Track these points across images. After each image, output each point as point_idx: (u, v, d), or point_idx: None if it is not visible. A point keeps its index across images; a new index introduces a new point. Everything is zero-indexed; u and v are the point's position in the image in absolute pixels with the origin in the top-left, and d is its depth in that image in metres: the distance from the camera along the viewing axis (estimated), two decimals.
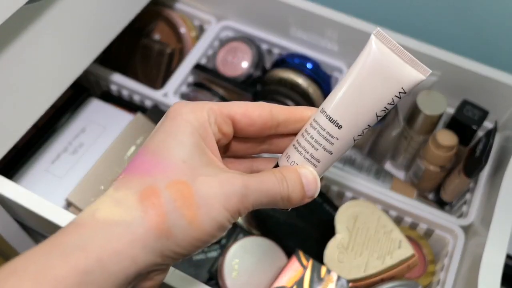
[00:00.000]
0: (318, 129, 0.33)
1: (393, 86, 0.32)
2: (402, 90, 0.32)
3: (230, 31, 0.78)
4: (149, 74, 0.78)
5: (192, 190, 0.30)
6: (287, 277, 0.54)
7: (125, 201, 0.29)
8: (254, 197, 0.31)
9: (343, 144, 0.34)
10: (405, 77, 0.32)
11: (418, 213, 0.63)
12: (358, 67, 0.33)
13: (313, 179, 0.33)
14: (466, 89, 0.67)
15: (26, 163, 0.64)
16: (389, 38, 0.32)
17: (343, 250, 0.57)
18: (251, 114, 0.34)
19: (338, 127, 0.33)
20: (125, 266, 0.28)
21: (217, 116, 0.33)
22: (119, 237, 0.28)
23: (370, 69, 0.33)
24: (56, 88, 0.56)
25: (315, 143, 0.33)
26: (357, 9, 0.75)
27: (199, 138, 0.31)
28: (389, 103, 0.33)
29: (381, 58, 0.32)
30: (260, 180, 0.32)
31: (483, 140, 0.61)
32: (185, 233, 0.29)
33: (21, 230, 0.61)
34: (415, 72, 0.32)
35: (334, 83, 0.74)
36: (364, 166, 0.68)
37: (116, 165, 0.64)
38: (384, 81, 0.32)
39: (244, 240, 0.59)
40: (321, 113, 0.34)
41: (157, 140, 0.32)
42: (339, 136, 0.33)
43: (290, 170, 0.33)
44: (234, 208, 0.30)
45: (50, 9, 0.50)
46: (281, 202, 0.33)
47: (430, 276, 0.62)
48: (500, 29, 0.71)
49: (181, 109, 0.32)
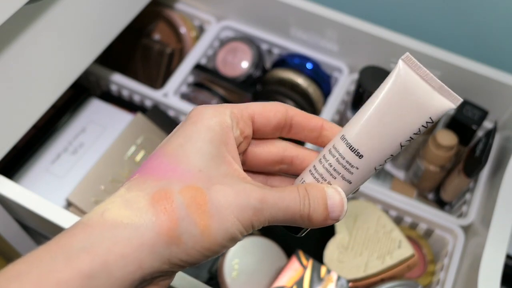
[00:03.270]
0: (337, 157, 0.32)
1: (420, 115, 0.30)
2: (430, 120, 0.30)
3: (230, 31, 0.78)
4: (149, 74, 0.78)
5: (206, 198, 0.29)
6: (287, 277, 0.55)
7: (136, 203, 0.28)
8: (271, 213, 0.30)
9: (363, 174, 0.31)
10: (433, 106, 0.30)
11: (418, 213, 0.63)
12: (383, 93, 0.31)
13: (339, 200, 0.32)
14: (466, 89, 0.67)
15: (26, 163, 0.64)
16: (418, 64, 0.30)
17: (343, 250, 0.57)
18: (268, 113, 0.33)
19: (359, 156, 0.31)
20: (130, 271, 0.27)
21: (239, 119, 0.32)
22: (127, 241, 0.27)
23: (397, 96, 0.30)
24: (56, 88, 0.56)
25: (334, 171, 0.32)
26: (357, 9, 0.75)
27: (220, 144, 0.30)
28: (415, 133, 0.30)
29: (409, 84, 0.30)
30: (280, 196, 0.30)
31: (483, 140, 0.61)
32: (195, 242, 0.28)
33: (21, 230, 0.61)
34: (445, 101, 0.30)
35: (334, 83, 0.74)
36: None
37: (116, 165, 0.64)
38: (411, 110, 0.30)
39: (244, 240, 0.59)
40: (342, 140, 0.32)
41: (176, 143, 0.31)
42: (359, 165, 0.31)
43: (316, 188, 0.32)
44: (247, 221, 0.29)
45: (50, 9, 0.50)
46: (300, 220, 0.31)
47: (430, 276, 0.62)
48: (500, 29, 0.71)
49: (203, 114, 0.31)
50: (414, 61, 0.30)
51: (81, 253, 0.26)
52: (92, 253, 0.27)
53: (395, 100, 0.30)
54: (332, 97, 0.71)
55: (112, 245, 0.27)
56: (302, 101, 0.70)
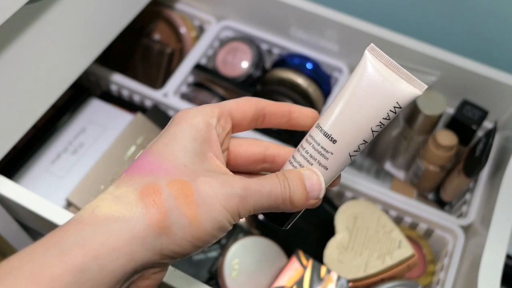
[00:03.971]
0: (313, 143, 0.34)
1: (387, 101, 0.33)
2: (398, 105, 0.33)
3: (230, 31, 0.78)
4: (149, 74, 0.78)
5: (192, 188, 0.30)
6: (287, 277, 0.55)
7: (126, 198, 0.29)
8: (255, 200, 0.31)
9: (338, 160, 0.34)
10: (400, 92, 0.32)
11: (418, 213, 0.63)
12: (353, 82, 0.33)
13: (317, 179, 0.33)
14: (466, 89, 0.67)
15: (26, 163, 0.64)
16: (383, 54, 0.33)
17: (343, 250, 0.57)
18: (242, 107, 0.35)
19: (332, 141, 0.33)
20: (122, 263, 0.28)
21: (220, 117, 0.34)
22: (118, 234, 0.28)
23: (365, 84, 0.33)
24: (56, 88, 0.56)
25: (310, 158, 0.34)
26: (357, 9, 0.75)
27: (203, 142, 0.32)
28: (385, 118, 0.33)
29: (376, 73, 0.33)
30: (261, 183, 0.32)
31: (483, 140, 0.61)
32: (185, 232, 0.29)
33: (21, 230, 0.61)
34: (411, 88, 0.32)
35: (334, 83, 0.74)
36: (364, 166, 0.68)
37: (116, 165, 0.64)
38: (379, 97, 0.33)
39: (244, 240, 0.59)
40: (317, 128, 0.34)
41: (161, 143, 0.32)
42: (334, 151, 0.33)
43: (293, 172, 0.33)
44: (234, 209, 0.31)
45: (50, 9, 0.50)
46: (283, 205, 0.33)
47: (430, 276, 0.62)
48: (500, 29, 0.71)
49: (186, 114, 0.33)
50: (379, 52, 0.33)
51: (74, 247, 0.27)
52: (85, 247, 0.27)
53: (363, 88, 0.33)
54: (332, 97, 0.71)
55: (104, 239, 0.28)
56: (302, 101, 0.70)
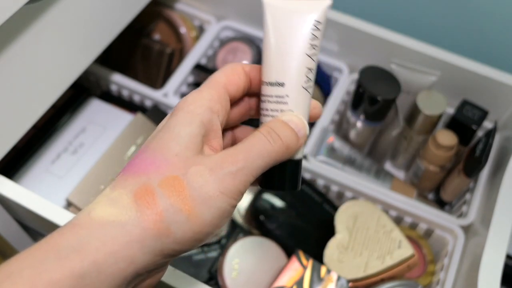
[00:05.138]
0: (267, 99, 0.34)
1: (305, 24, 0.33)
2: (317, 22, 0.33)
3: (230, 31, 0.78)
4: (149, 74, 0.78)
5: (183, 183, 0.29)
6: (287, 277, 0.55)
7: (120, 201, 0.29)
8: (249, 167, 0.30)
9: (296, 97, 0.33)
10: (310, 10, 0.34)
11: (418, 213, 0.63)
12: (269, 26, 0.34)
13: (296, 119, 0.33)
14: (466, 89, 0.67)
15: (26, 163, 0.64)
16: None
17: (343, 250, 0.57)
18: (233, 80, 0.34)
19: (281, 85, 0.33)
20: (121, 268, 0.28)
21: (219, 95, 0.33)
22: (114, 238, 0.28)
23: (278, 22, 0.34)
24: (56, 88, 0.56)
25: (273, 112, 0.34)
26: (357, 9, 0.75)
27: (200, 124, 0.31)
28: (312, 38, 0.33)
29: (281, 8, 0.34)
30: (247, 146, 0.31)
31: (483, 140, 0.61)
32: (184, 228, 0.29)
33: (21, 230, 0.61)
34: (317, 2, 0.34)
35: (334, 83, 0.74)
36: (364, 166, 0.68)
37: (116, 165, 0.64)
38: (296, 25, 0.33)
39: (244, 240, 0.59)
40: (263, 86, 0.34)
41: (157, 137, 0.31)
42: (287, 92, 0.33)
43: (273, 121, 0.33)
44: (230, 189, 0.30)
45: (50, 9, 0.50)
46: (280, 154, 0.32)
47: (430, 276, 0.62)
48: (500, 29, 0.71)
49: (182, 104, 0.32)
50: None
51: (71, 253, 0.27)
52: (82, 253, 0.27)
53: (279, 26, 0.34)
54: (332, 97, 0.71)
55: (100, 244, 0.28)
56: None
